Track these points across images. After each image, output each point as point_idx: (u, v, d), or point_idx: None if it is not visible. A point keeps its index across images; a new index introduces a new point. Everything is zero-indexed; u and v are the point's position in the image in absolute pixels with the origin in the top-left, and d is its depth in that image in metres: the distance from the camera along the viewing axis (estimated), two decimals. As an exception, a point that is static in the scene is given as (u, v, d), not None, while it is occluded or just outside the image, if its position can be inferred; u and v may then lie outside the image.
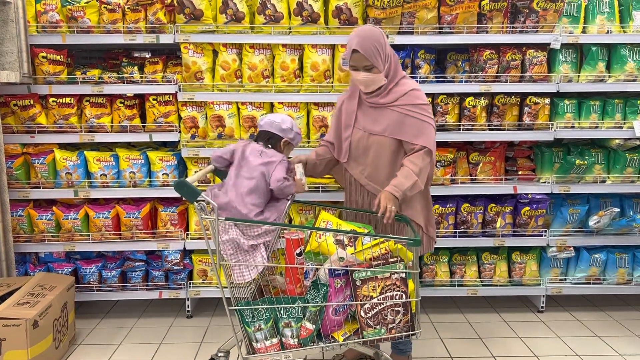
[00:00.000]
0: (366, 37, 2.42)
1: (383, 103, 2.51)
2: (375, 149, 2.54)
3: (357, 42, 2.41)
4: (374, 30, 2.47)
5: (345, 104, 2.64)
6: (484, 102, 3.45)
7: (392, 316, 2.25)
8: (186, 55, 3.32)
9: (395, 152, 2.54)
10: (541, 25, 3.37)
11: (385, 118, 2.51)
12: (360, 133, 2.57)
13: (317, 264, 2.35)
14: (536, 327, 3.51)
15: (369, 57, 2.41)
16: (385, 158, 2.54)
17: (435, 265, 3.65)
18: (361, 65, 2.44)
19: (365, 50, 2.40)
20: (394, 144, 2.52)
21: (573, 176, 3.53)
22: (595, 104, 3.49)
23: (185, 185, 2.09)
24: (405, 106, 2.49)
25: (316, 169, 2.72)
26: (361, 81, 2.49)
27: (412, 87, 2.54)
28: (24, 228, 3.47)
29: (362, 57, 2.42)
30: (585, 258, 3.64)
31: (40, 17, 3.32)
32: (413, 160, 2.46)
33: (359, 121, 2.59)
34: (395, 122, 2.49)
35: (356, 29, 2.50)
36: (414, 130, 2.48)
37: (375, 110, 2.55)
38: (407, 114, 2.48)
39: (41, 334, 2.79)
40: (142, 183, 3.46)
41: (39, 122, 3.38)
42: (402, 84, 2.55)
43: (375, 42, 2.43)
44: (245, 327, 2.25)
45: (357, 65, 2.45)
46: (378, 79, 2.48)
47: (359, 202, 2.65)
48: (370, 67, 2.44)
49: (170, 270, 3.58)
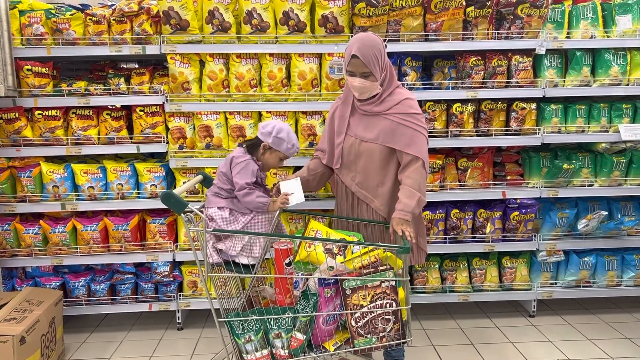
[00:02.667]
0: (367, 44, 2.41)
1: (376, 111, 2.51)
2: (367, 156, 2.54)
3: (358, 48, 2.40)
4: (375, 38, 2.46)
5: (338, 111, 2.64)
6: (471, 108, 3.46)
7: (382, 325, 2.24)
8: (173, 66, 3.31)
9: (386, 160, 2.53)
10: (526, 31, 3.40)
11: (377, 126, 2.51)
12: (352, 140, 2.57)
13: (306, 273, 2.34)
14: (528, 332, 3.51)
15: (368, 64, 2.40)
16: (376, 165, 2.54)
17: (426, 272, 3.65)
18: (359, 71, 2.43)
19: (364, 56, 2.39)
20: (385, 151, 2.52)
21: (561, 180, 3.55)
22: (581, 109, 3.52)
23: (172, 197, 2.08)
24: (398, 115, 2.48)
25: (309, 185, 2.71)
26: (356, 87, 2.47)
27: (406, 96, 2.53)
28: (11, 242, 3.43)
29: (361, 63, 2.40)
30: (575, 262, 3.66)
31: (25, 30, 3.30)
32: (410, 175, 2.45)
33: (351, 128, 2.58)
34: (387, 130, 2.49)
35: (357, 35, 2.49)
36: (406, 138, 2.47)
37: (368, 118, 2.55)
38: (400, 122, 2.48)
39: (29, 350, 2.76)
40: (130, 195, 3.44)
41: (24, 135, 3.35)
42: (396, 93, 2.55)
43: (375, 49, 2.42)
44: (235, 338, 2.23)
45: (355, 71, 2.44)
46: (373, 87, 2.47)
47: (350, 208, 2.65)
48: (368, 74, 2.43)
49: (160, 282, 3.55)
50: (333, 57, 3.31)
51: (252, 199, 2.37)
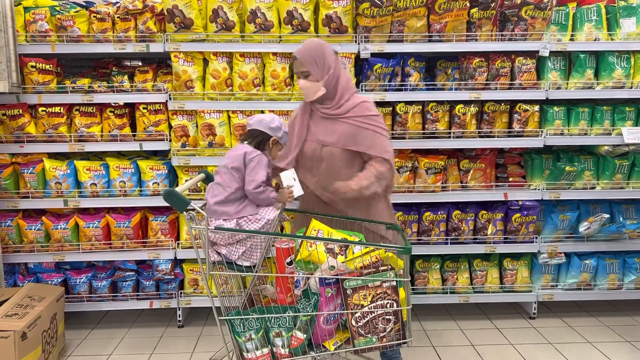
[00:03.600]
0: (307, 46, 2.52)
1: (335, 114, 2.54)
2: (329, 159, 2.57)
3: (297, 50, 2.52)
4: (318, 42, 2.55)
5: (300, 116, 2.64)
6: (474, 109, 3.46)
7: (383, 325, 2.24)
8: (176, 64, 3.31)
9: (349, 163, 2.56)
10: (530, 33, 3.40)
11: (337, 129, 2.54)
12: (313, 145, 2.57)
13: (307, 272, 2.34)
14: (528, 334, 3.51)
15: (305, 63, 2.48)
16: (339, 169, 2.56)
17: (427, 272, 3.65)
18: (299, 71, 2.53)
19: (301, 56, 2.49)
20: (347, 154, 2.55)
21: (563, 183, 3.55)
22: (584, 111, 3.52)
23: (174, 195, 2.08)
24: (357, 118, 2.52)
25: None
26: (301, 88, 2.55)
27: (362, 100, 2.59)
28: (13, 238, 3.44)
29: (299, 63, 2.50)
30: (576, 264, 3.66)
31: (30, 27, 3.31)
32: (374, 165, 2.53)
33: (312, 132, 2.59)
34: (347, 134, 2.53)
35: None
36: (368, 141, 2.52)
37: (327, 121, 2.57)
38: (359, 125, 2.52)
39: (30, 346, 2.76)
40: (133, 192, 3.44)
41: (28, 131, 3.36)
42: (353, 97, 2.60)
43: (313, 51, 2.50)
44: (235, 337, 2.23)
45: (297, 71, 2.55)
46: (315, 87, 2.50)
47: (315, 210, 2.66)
48: (307, 73, 2.50)
49: (161, 280, 3.56)
50: (336, 57, 3.30)
51: (267, 195, 2.37)
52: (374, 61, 3.33)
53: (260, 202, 2.37)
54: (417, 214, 3.56)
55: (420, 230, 3.58)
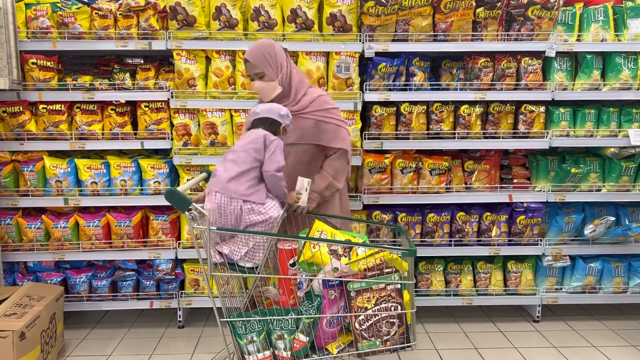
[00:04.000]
0: (255, 47, 2.58)
1: (294, 110, 2.56)
2: (293, 157, 2.60)
3: (247, 52, 2.57)
4: (266, 41, 2.63)
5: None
6: (479, 110, 3.43)
7: (387, 328, 2.21)
8: (179, 62, 3.28)
9: (314, 157, 2.65)
10: (536, 34, 3.36)
11: (299, 126, 2.57)
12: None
13: (310, 274, 2.31)
14: (532, 337, 3.47)
15: (258, 64, 2.53)
16: (304, 164, 2.63)
17: (430, 275, 3.62)
18: (252, 73, 2.58)
19: (253, 58, 2.55)
20: (311, 149, 2.62)
21: (568, 185, 3.51)
22: (591, 112, 3.48)
23: (175, 194, 2.05)
24: (317, 112, 2.59)
25: None
26: (257, 89, 2.61)
27: (319, 94, 2.66)
28: (12, 237, 3.41)
29: (251, 65, 2.56)
30: (581, 267, 3.62)
31: (31, 23, 3.28)
32: (330, 164, 2.64)
33: None
34: (310, 129, 2.59)
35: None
36: (330, 134, 2.60)
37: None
38: (320, 120, 2.60)
39: (28, 346, 2.73)
40: (134, 191, 3.41)
41: (28, 129, 3.32)
42: (309, 92, 2.66)
43: (264, 50, 2.55)
44: (237, 339, 2.20)
45: (250, 73, 2.60)
46: (271, 87, 2.57)
47: None
48: (261, 74, 2.55)
49: (162, 280, 3.53)
50: (340, 56, 3.27)
51: (282, 184, 2.33)
52: (379, 60, 3.30)
53: (275, 188, 2.32)
54: (420, 215, 3.53)
55: (424, 232, 3.54)
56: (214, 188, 2.24)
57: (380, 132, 3.42)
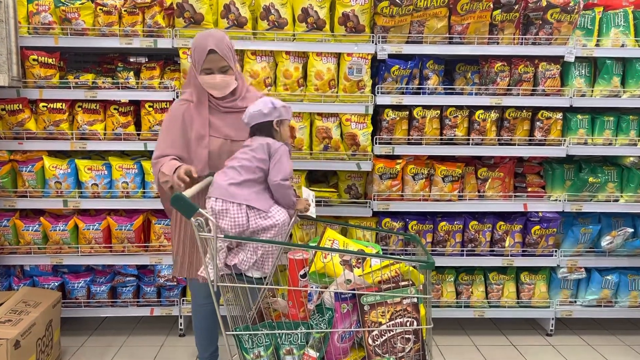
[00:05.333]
0: (220, 38, 2.39)
1: (241, 106, 2.43)
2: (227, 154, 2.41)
3: (214, 42, 2.35)
4: (221, 32, 2.48)
5: (191, 112, 2.45)
6: (495, 115, 3.31)
7: (402, 344, 2.09)
8: (185, 61, 3.17)
9: None
10: (554, 38, 3.25)
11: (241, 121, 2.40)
12: (220, 141, 2.43)
13: (321, 286, 2.19)
14: (545, 352, 3.35)
15: (226, 57, 2.37)
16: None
17: (441, 285, 3.50)
18: (218, 66, 2.37)
19: (221, 50, 2.36)
20: None
21: (585, 194, 3.39)
22: (609, 120, 3.37)
23: (182, 200, 1.93)
24: None
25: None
26: (218, 84, 2.40)
27: (261, 93, 2.60)
28: (9, 239, 3.29)
29: (219, 57, 2.36)
30: (597, 280, 3.50)
31: (32, 18, 3.17)
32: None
33: (215, 129, 2.44)
34: None
35: (202, 32, 2.46)
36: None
37: (232, 115, 2.46)
38: None
39: (23, 355, 2.61)
40: (136, 194, 3.29)
41: (27, 127, 3.21)
42: (250, 89, 2.60)
43: (228, 42, 2.42)
44: (243, 353, 2.08)
45: (213, 67, 2.37)
46: (232, 81, 2.44)
47: None
48: (227, 68, 2.39)
49: (163, 286, 3.41)
50: (352, 58, 3.16)
51: (290, 192, 2.23)
52: (392, 62, 3.19)
53: (282, 197, 2.22)
54: (432, 224, 3.41)
55: (435, 241, 3.42)
56: (214, 194, 2.14)
57: (391, 136, 3.30)
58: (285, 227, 2.22)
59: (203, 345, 2.74)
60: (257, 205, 2.15)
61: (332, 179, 3.59)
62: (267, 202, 2.19)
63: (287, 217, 2.21)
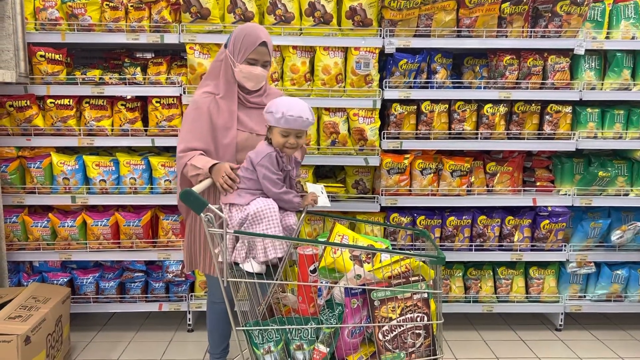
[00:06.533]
0: (264, 32, 2.41)
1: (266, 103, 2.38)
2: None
3: (265, 36, 2.39)
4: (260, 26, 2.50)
5: (219, 105, 2.41)
6: (503, 109, 3.29)
7: (412, 339, 2.08)
8: (192, 56, 3.15)
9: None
10: (564, 30, 3.22)
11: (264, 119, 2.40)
12: (246, 134, 2.42)
13: (331, 281, 2.18)
14: (555, 347, 3.34)
15: (271, 53, 2.42)
16: None
17: (449, 280, 3.48)
18: (263, 59, 2.40)
19: (269, 45, 2.41)
20: None
21: (595, 188, 3.37)
22: (620, 113, 3.33)
23: (191, 195, 1.92)
24: None
25: None
26: (257, 76, 2.41)
27: (280, 92, 2.66)
28: (18, 235, 3.30)
29: (266, 51, 2.39)
30: (607, 274, 3.47)
31: (39, 14, 3.16)
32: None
33: (241, 123, 2.43)
34: None
35: (248, 24, 2.48)
36: None
37: (256, 111, 2.46)
38: None
39: (34, 351, 2.62)
40: (143, 190, 3.29)
41: (35, 124, 3.21)
42: (272, 87, 2.65)
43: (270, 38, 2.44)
44: (253, 348, 2.08)
45: (259, 59, 2.39)
46: (265, 77, 2.48)
47: None
48: (268, 64, 2.44)
49: (171, 282, 3.41)
50: (360, 52, 3.14)
51: (288, 197, 2.24)
52: (400, 57, 3.16)
53: (285, 203, 2.24)
54: (440, 219, 3.39)
55: (444, 236, 3.40)
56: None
57: (399, 131, 3.28)
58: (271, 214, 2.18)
59: (216, 342, 2.73)
60: (237, 201, 2.21)
61: (339, 174, 3.58)
62: (248, 198, 2.22)
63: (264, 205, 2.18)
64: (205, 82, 2.51)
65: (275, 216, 2.17)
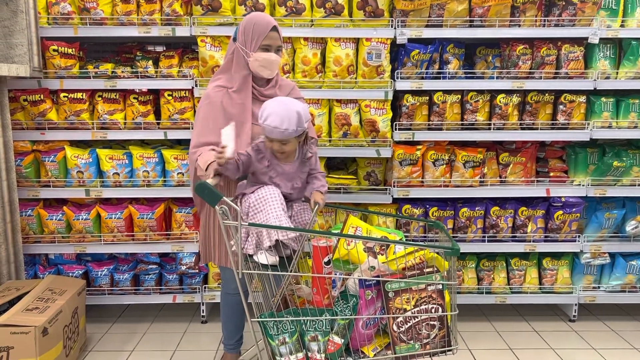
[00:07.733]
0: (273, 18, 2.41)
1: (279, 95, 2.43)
2: None
3: (274, 20, 2.38)
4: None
5: (233, 99, 2.39)
6: (516, 99, 3.26)
7: (427, 331, 2.08)
8: (203, 49, 3.16)
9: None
10: (578, 19, 3.18)
11: None
12: (258, 128, 2.35)
13: (345, 273, 2.19)
14: (569, 338, 3.33)
15: (281, 37, 2.41)
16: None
17: (462, 271, 3.48)
18: (276, 44, 2.39)
19: (279, 29, 2.40)
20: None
21: (609, 178, 3.34)
22: (635, 103, 3.29)
23: (206, 188, 1.93)
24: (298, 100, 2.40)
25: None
26: (273, 62, 2.39)
27: (293, 82, 2.64)
28: (34, 228, 3.34)
29: (278, 36, 2.39)
30: (621, 265, 3.45)
31: (52, 8, 3.17)
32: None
33: (256, 117, 2.35)
34: None
35: (253, 14, 2.43)
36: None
37: None
38: None
39: (51, 342, 2.65)
40: (156, 182, 3.31)
41: (49, 118, 3.23)
42: (283, 78, 2.61)
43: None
44: (268, 340, 2.09)
45: (273, 44, 2.38)
46: (279, 64, 2.47)
47: None
48: (280, 48, 2.43)
49: (185, 274, 3.44)
50: (371, 43, 3.13)
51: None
52: (412, 47, 3.14)
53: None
54: (452, 210, 3.38)
55: (456, 227, 3.40)
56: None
57: (411, 122, 3.27)
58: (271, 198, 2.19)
59: (230, 333, 2.75)
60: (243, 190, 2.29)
61: (351, 166, 3.57)
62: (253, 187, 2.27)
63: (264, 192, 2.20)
64: (217, 76, 2.50)
65: (275, 200, 2.18)
